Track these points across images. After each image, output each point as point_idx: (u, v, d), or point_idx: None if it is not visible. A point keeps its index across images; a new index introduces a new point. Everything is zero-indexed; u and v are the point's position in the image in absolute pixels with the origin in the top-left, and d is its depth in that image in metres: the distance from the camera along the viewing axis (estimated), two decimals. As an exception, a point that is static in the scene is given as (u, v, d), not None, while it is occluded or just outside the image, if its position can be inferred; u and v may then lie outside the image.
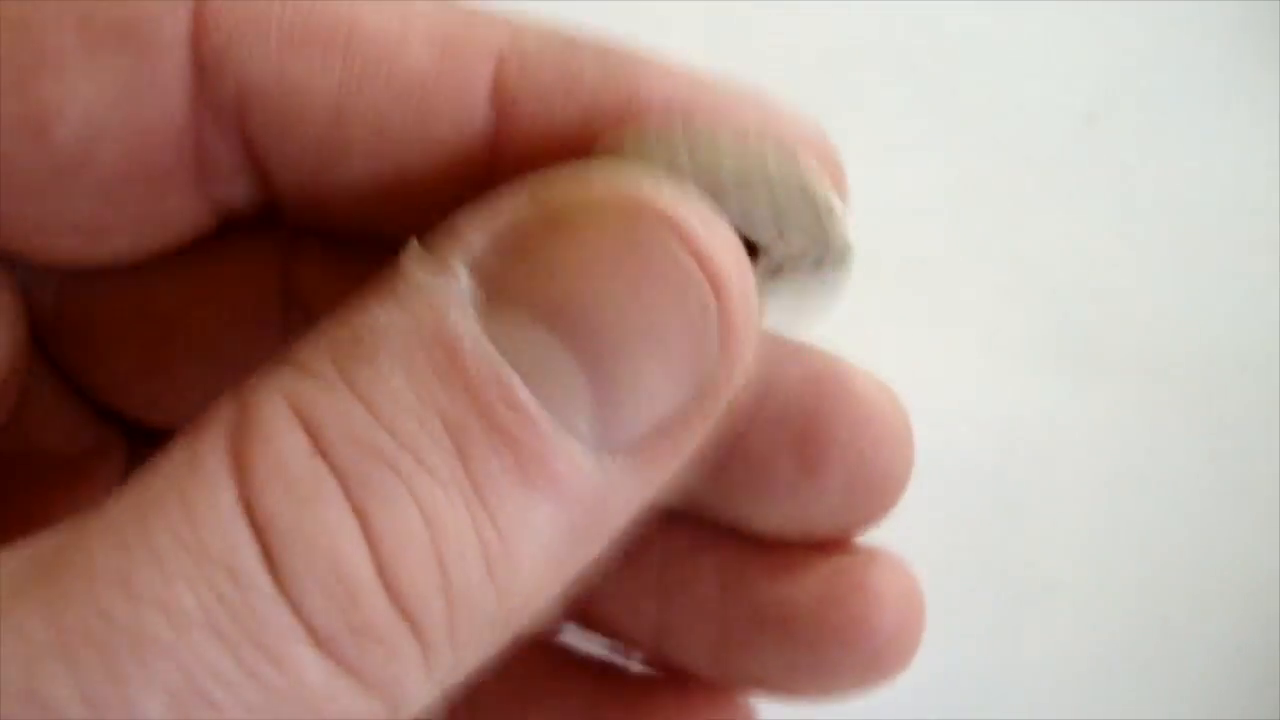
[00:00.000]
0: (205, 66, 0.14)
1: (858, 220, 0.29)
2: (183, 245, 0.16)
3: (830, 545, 0.18)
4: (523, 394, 0.12)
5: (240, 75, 0.14)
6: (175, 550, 0.11)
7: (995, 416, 0.28)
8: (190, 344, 0.18)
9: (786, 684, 0.18)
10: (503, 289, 0.13)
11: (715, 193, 0.14)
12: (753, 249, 0.15)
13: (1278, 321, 0.29)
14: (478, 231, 0.13)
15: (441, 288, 0.12)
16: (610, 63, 0.15)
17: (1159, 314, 0.29)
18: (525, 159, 0.15)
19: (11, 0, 0.14)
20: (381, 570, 0.12)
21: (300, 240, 0.18)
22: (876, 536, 0.25)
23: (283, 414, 0.12)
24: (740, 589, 0.18)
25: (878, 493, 0.17)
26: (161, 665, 0.11)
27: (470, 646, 0.13)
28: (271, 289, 0.18)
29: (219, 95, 0.14)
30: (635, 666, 0.20)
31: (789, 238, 0.15)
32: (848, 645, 0.17)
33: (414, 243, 0.13)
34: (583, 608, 0.19)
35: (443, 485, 0.12)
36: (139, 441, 0.19)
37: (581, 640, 0.20)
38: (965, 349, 0.29)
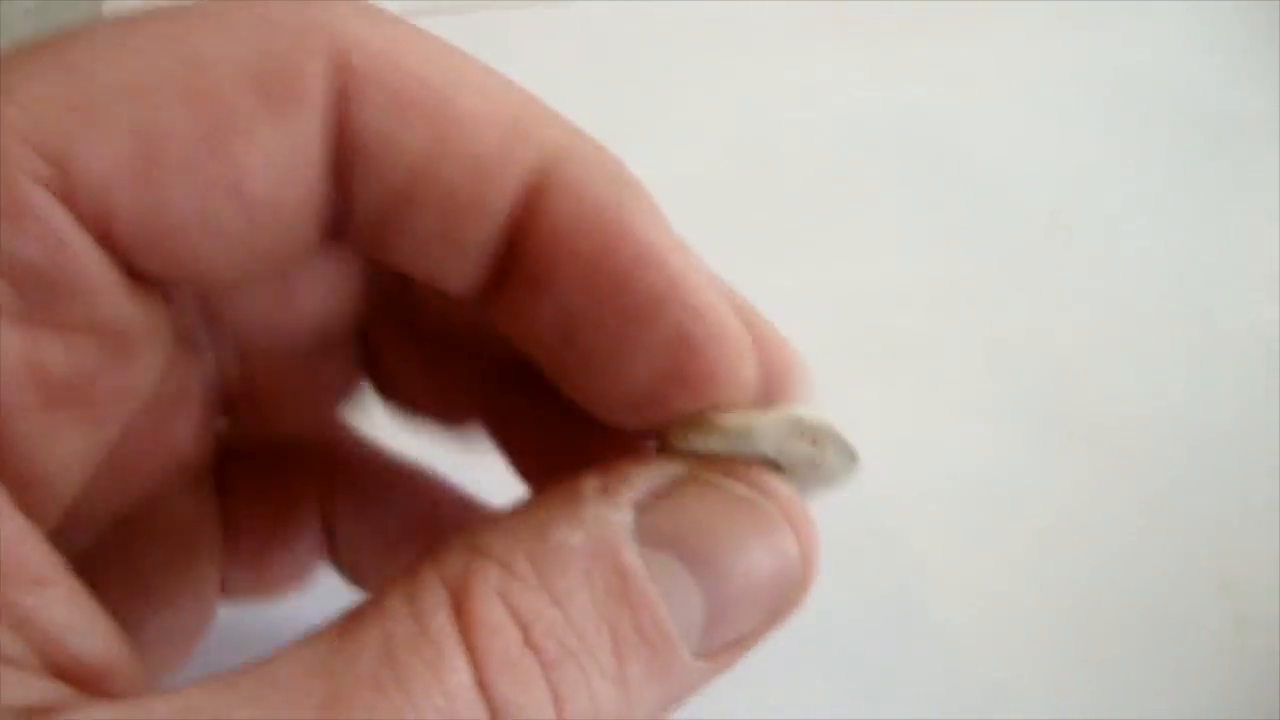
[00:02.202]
0: (338, 119, 0.15)
1: (854, 304, 0.32)
2: (297, 266, 0.18)
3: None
4: (664, 618, 0.15)
5: (358, 128, 0.15)
6: (433, 707, 0.13)
7: (967, 473, 0.29)
8: (263, 347, 0.20)
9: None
10: (658, 531, 0.15)
11: (781, 448, 0.17)
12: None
13: (1214, 397, 0.30)
14: (644, 481, 0.16)
15: (616, 523, 0.15)
16: (623, 195, 0.16)
17: (1109, 389, 0.31)
18: (523, 237, 0.16)
19: (183, 67, 0.14)
20: None
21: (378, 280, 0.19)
22: (871, 555, 0.28)
23: (500, 611, 0.14)
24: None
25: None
26: None
27: None
28: (349, 319, 0.20)
29: (343, 143, 0.15)
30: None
31: (824, 470, 0.17)
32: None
33: (593, 483, 0.16)
34: None
35: (605, 677, 0.15)
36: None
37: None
38: (942, 416, 0.30)
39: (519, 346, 0.18)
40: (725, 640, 0.16)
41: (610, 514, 0.15)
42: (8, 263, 0.14)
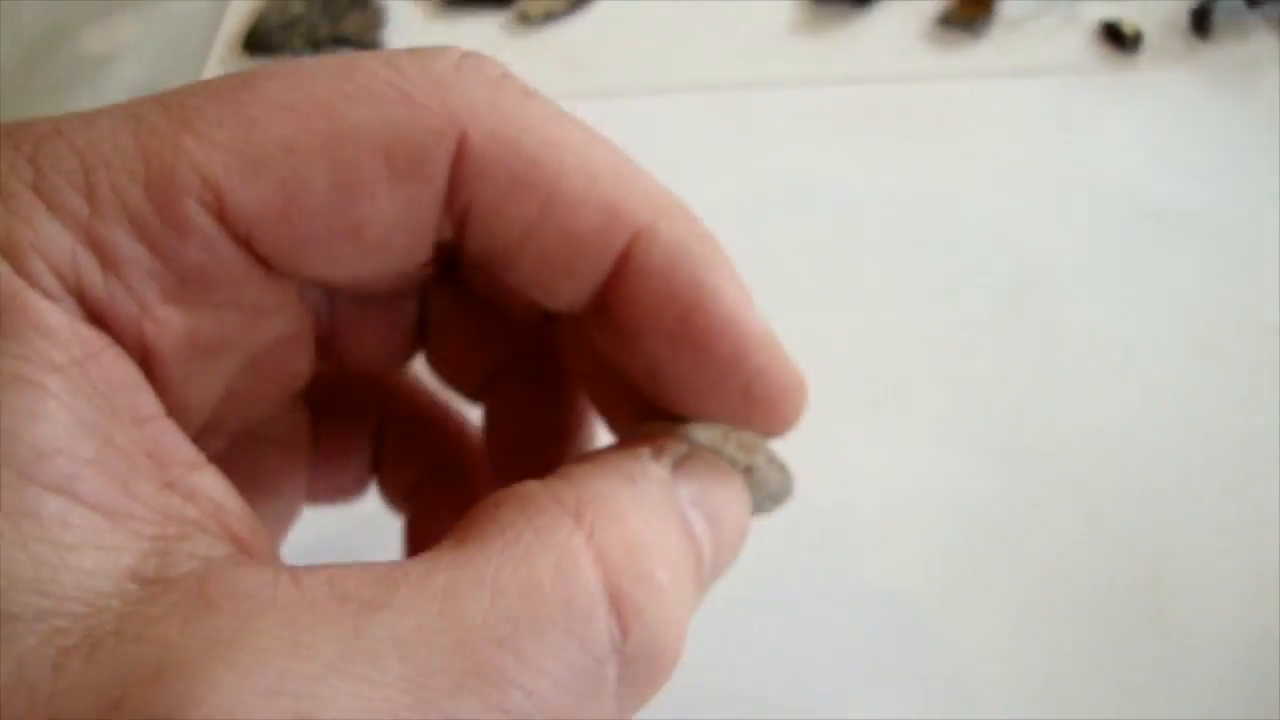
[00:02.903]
0: (453, 187, 0.17)
1: (847, 353, 0.34)
2: (410, 286, 0.21)
3: None
4: (707, 564, 0.17)
5: (471, 196, 0.17)
6: (561, 635, 0.14)
7: (939, 494, 0.31)
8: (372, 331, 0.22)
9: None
10: (688, 492, 0.18)
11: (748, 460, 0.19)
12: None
13: (1142, 430, 0.33)
14: (670, 453, 0.18)
15: (669, 481, 0.17)
16: (704, 274, 0.17)
17: (1057, 423, 0.33)
18: (616, 296, 0.18)
19: (331, 135, 0.16)
20: (664, 650, 0.16)
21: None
22: (858, 561, 0.30)
23: (626, 529, 0.16)
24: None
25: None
26: (525, 705, 0.13)
27: (647, 693, 0.16)
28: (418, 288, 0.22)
29: (455, 206, 0.17)
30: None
31: (773, 485, 0.20)
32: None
33: (646, 449, 0.18)
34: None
35: (687, 604, 0.16)
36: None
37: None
38: (919, 446, 0.33)
39: (610, 360, 0.20)
40: (715, 576, 0.18)
41: (664, 473, 0.17)
42: (174, 264, 0.16)
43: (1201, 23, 0.44)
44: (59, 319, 0.15)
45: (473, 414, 0.25)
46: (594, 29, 0.47)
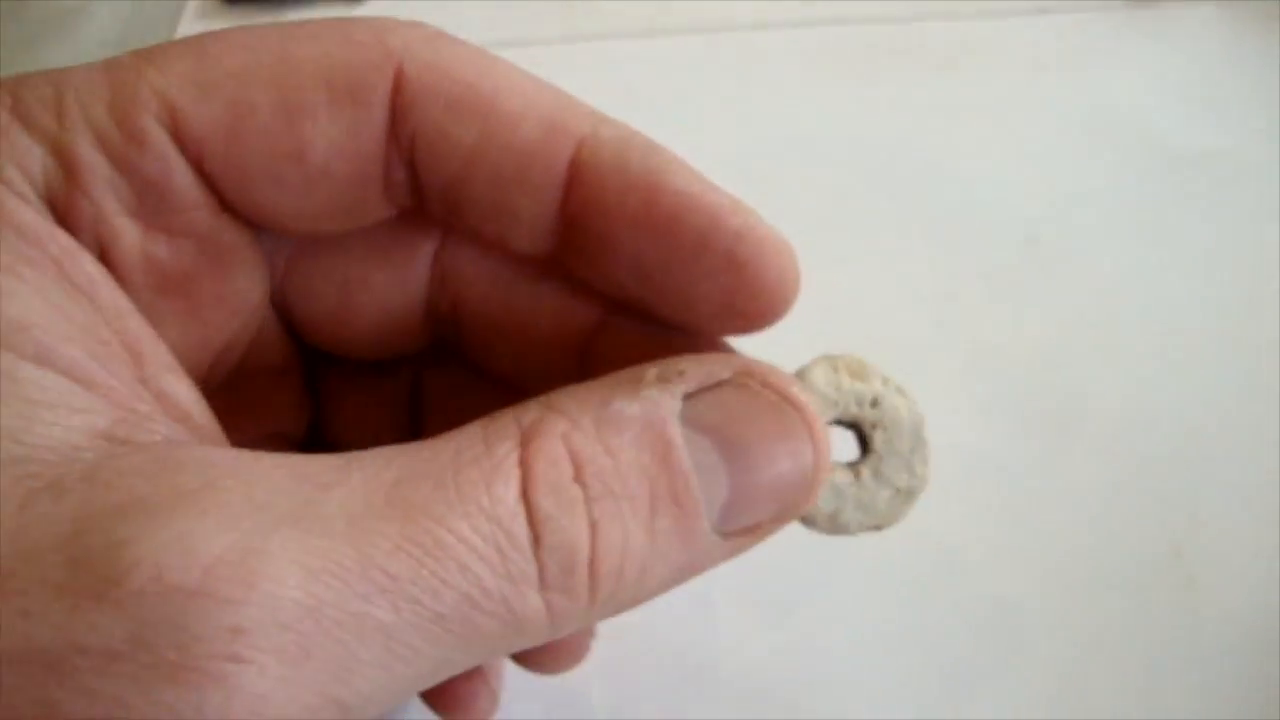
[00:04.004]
0: (396, 113, 0.18)
1: (851, 307, 0.33)
2: (370, 225, 0.20)
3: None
4: (694, 486, 0.16)
5: (415, 124, 0.18)
6: (479, 514, 0.15)
7: (950, 455, 0.27)
8: (364, 297, 0.22)
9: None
10: (700, 417, 0.17)
11: (859, 405, 0.19)
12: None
13: (1167, 387, 0.32)
14: (694, 376, 0.17)
15: (667, 404, 0.17)
16: (651, 160, 0.18)
17: (1076, 381, 0.32)
18: (581, 208, 0.18)
19: (276, 63, 0.17)
20: (592, 559, 0.16)
21: (448, 245, 0.21)
22: (855, 557, 0.27)
23: (559, 448, 0.16)
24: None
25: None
26: (457, 577, 0.15)
27: (601, 614, 0.16)
28: (424, 270, 0.21)
29: (400, 135, 0.18)
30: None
31: (890, 455, 0.19)
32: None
33: (653, 371, 0.17)
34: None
35: (638, 522, 0.16)
36: (313, 360, 0.23)
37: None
38: (929, 405, 0.30)
39: (604, 293, 0.20)
40: (740, 524, 0.17)
41: (663, 396, 0.17)
42: (132, 174, 0.17)
43: (1228, -47, 0.43)
44: (34, 219, 0.16)
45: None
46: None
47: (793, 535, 0.22)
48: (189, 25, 0.46)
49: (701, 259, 0.18)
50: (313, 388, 0.23)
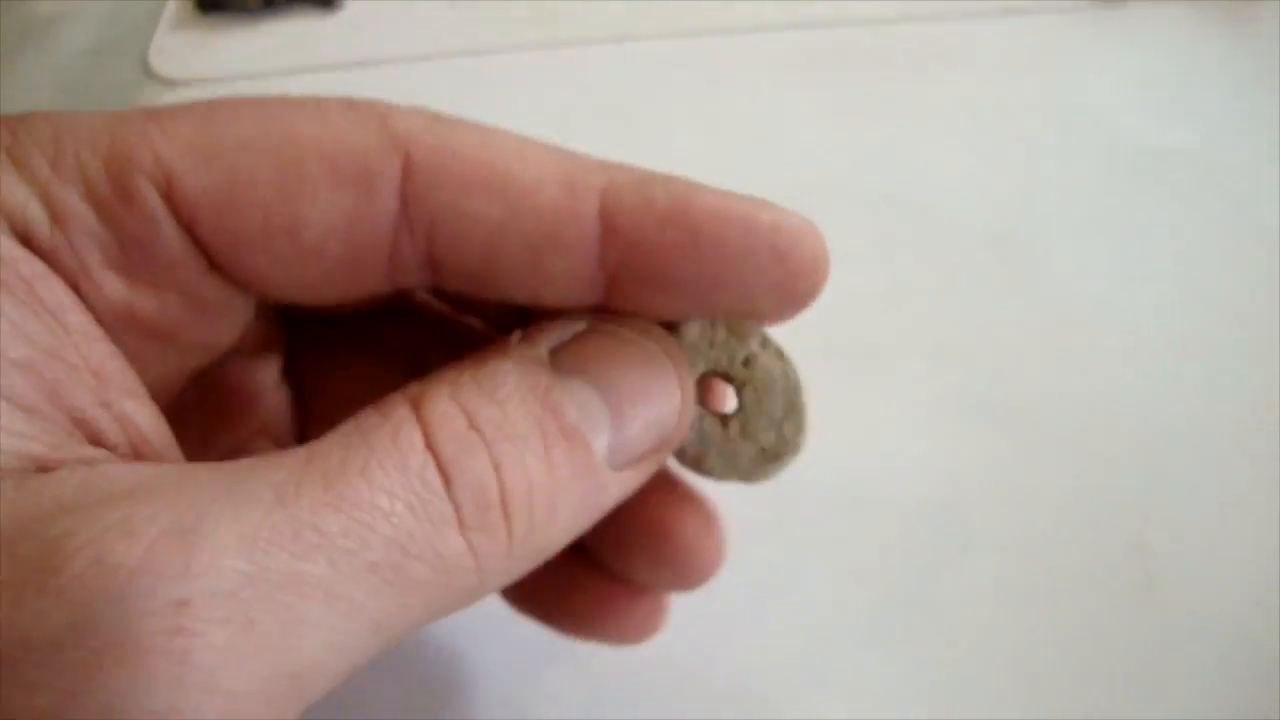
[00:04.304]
0: (408, 200, 0.18)
1: (815, 309, 0.33)
2: (367, 303, 0.21)
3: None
4: (576, 418, 0.18)
5: (431, 207, 0.18)
6: (392, 465, 0.16)
7: (910, 454, 0.31)
8: (349, 352, 0.23)
9: (637, 570, 0.23)
10: (571, 365, 0.18)
11: (730, 361, 0.20)
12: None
13: (1126, 385, 0.32)
14: (555, 332, 0.19)
15: (536, 357, 0.18)
16: (672, 189, 0.18)
17: (1035, 380, 0.32)
18: (622, 254, 0.18)
19: (280, 139, 0.18)
20: (503, 495, 0.17)
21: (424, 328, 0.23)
22: (826, 555, 0.29)
23: (449, 404, 0.17)
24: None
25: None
26: (382, 524, 0.15)
27: (524, 559, 0.17)
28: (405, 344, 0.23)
29: (415, 219, 0.18)
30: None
31: (759, 414, 0.20)
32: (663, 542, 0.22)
33: (516, 335, 0.19)
34: None
35: (536, 458, 0.17)
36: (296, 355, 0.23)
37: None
38: (891, 404, 0.32)
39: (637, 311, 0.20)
40: (628, 452, 0.18)
41: (530, 350, 0.18)
42: (118, 229, 0.17)
43: (1195, -46, 0.43)
44: (6, 243, 0.16)
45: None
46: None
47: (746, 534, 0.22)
48: (165, 33, 0.46)
49: (751, 262, 0.18)
50: (298, 390, 0.23)
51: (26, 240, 0.17)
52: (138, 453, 0.17)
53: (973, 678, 0.27)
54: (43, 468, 0.15)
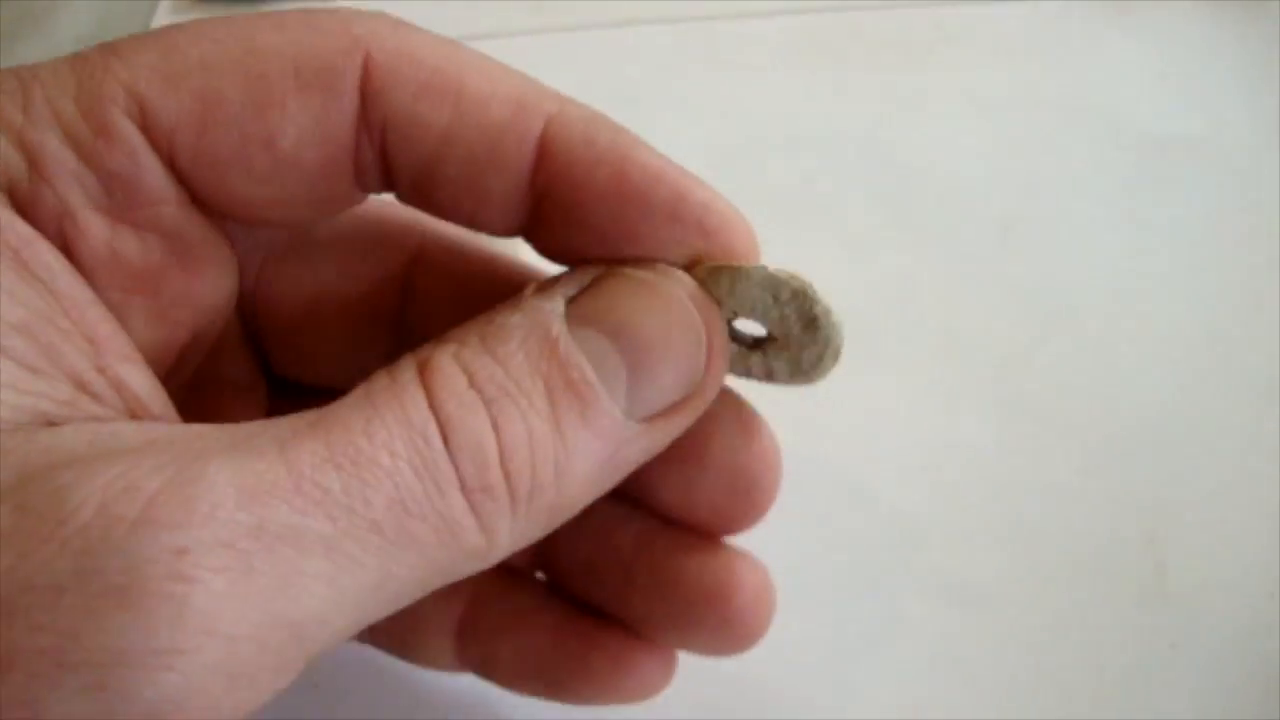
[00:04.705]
0: (366, 98, 0.18)
1: (831, 295, 0.33)
2: (338, 212, 0.21)
3: (712, 537, 0.22)
4: (588, 371, 0.17)
5: (386, 109, 0.18)
6: (394, 423, 0.16)
7: (928, 452, 0.30)
8: (333, 321, 0.22)
9: (663, 632, 0.22)
10: (584, 314, 0.18)
11: (745, 296, 0.19)
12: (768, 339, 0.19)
13: (1139, 373, 0.32)
14: (573, 281, 0.18)
15: (549, 308, 0.17)
16: (619, 137, 0.18)
17: (1049, 369, 0.32)
18: (549, 183, 0.19)
19: (243, 53, 0.18)
20: (501, 455, 0.16)
21: (424, 245, 0.22)
22: (831, 544, 0.29)
23: (451, 364, 0.17)
24: (647, 554, 0.22)
25: (750, 494, 0.21)
26: (385, 482, 0.15)
27: (535, 520, 0.17)
28: (396, 281, 0.22)
29: (371, 120, 0.18)
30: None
31: (791, 332, 0.19)
32: (714, 611, 0.21)
33: (532, 286, 0.18)
34: (537, 556, 0.23)
35: (540, 417, 0.17)
36: (275, 386, 0.24)
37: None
38: (902, 394, 0.32)
39: (562, 261, 0.20)
40: (651, 405, 0.18)
41: (544, 303, 0.18)
42: (99, 167, 0.17)
43: (1205, -60, 0.42)
44: None
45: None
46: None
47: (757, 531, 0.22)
48: (162, 21, 0.46)
49: (672, 228, 0.18)
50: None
51: (10, 191, 0.17)
52: (134, 417, 0.17)
53: (981, 670, 0.27)
54: (51, 423, 0.15)
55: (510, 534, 0.17)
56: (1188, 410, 0.31)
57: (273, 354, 0.23)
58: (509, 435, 0.16)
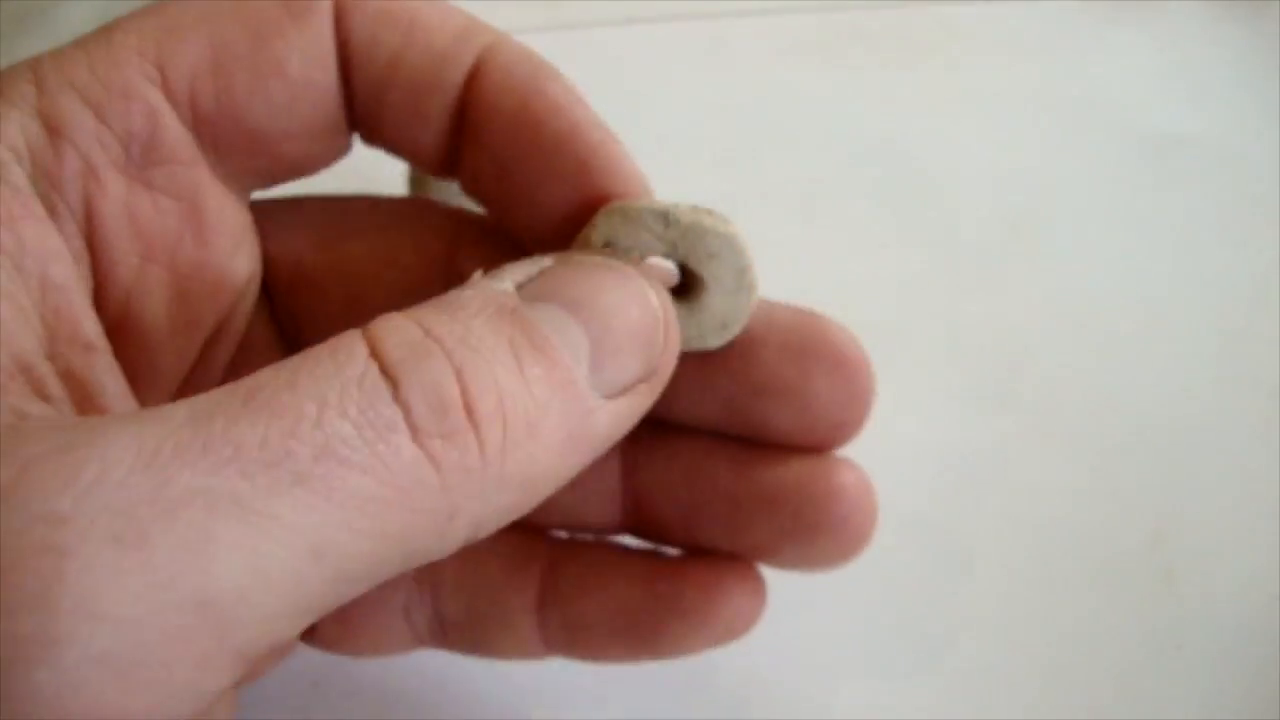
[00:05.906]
0: (337, 25, 0.19)
1: (832, 297, 0.33)
2: (339, 156, 0.21)
3: (811, 450, 0.21)
4: (551, 336, 0.16)
5: (348, 33, 0.19)
6: (325, 376, 0.14)
7: (935, 449, 0.30)
8: (369, 300, 0.21)
9: (773, 551, 0.22)
10: (539, 292, 0.17)
11: (673, 239, 0.19)
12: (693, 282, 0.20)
13: (1148, 375, 0.31)
14: (521, 269, 0.17)
15: (500, 287, 0.17)
16: (554, 86, 0.19)
17: (1056, 369, 0.32)
18: (466, 108, 0.19)
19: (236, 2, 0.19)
20: (465, 397, 0.15)
21: (461, 230, 0.22)
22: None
23: (401, 320, 0.15)
24: (747, 476, 0.21)
25: (848, 409, 0.21)
26: (308, 431, 0.13)
27: (506, 483, 0.15)
28: (438, 265, 0.22)
29: (341, 44, 0.19)
30: (672, 552, 0.23)
31: (718, 268, 0.19)
32: (827, 512, 0.21)
33: (479, 273, 0.17)
34: (628, 514, 0.23)
35: (506, 369, 0.15)
36: None
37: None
38: (909, 391, 0.31)
39: (480, 200, 0.21)
40: (616, 382, 0.17)
41: (495, 282, 0.17)
42: (120, 129, 0.18)
43: (1212, -61, 0.42)
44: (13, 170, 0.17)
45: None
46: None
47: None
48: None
49: (556, 161, 0.19)
50: None
51: (32, 159, 0.17)
52: (81, 411, 0.16)
53: (987, 668, 0.27)
54: None
55: (479, 497, 0.15)
56: (1196, 410, 0.31)
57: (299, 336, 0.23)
58: (474, 378, 0.15)
